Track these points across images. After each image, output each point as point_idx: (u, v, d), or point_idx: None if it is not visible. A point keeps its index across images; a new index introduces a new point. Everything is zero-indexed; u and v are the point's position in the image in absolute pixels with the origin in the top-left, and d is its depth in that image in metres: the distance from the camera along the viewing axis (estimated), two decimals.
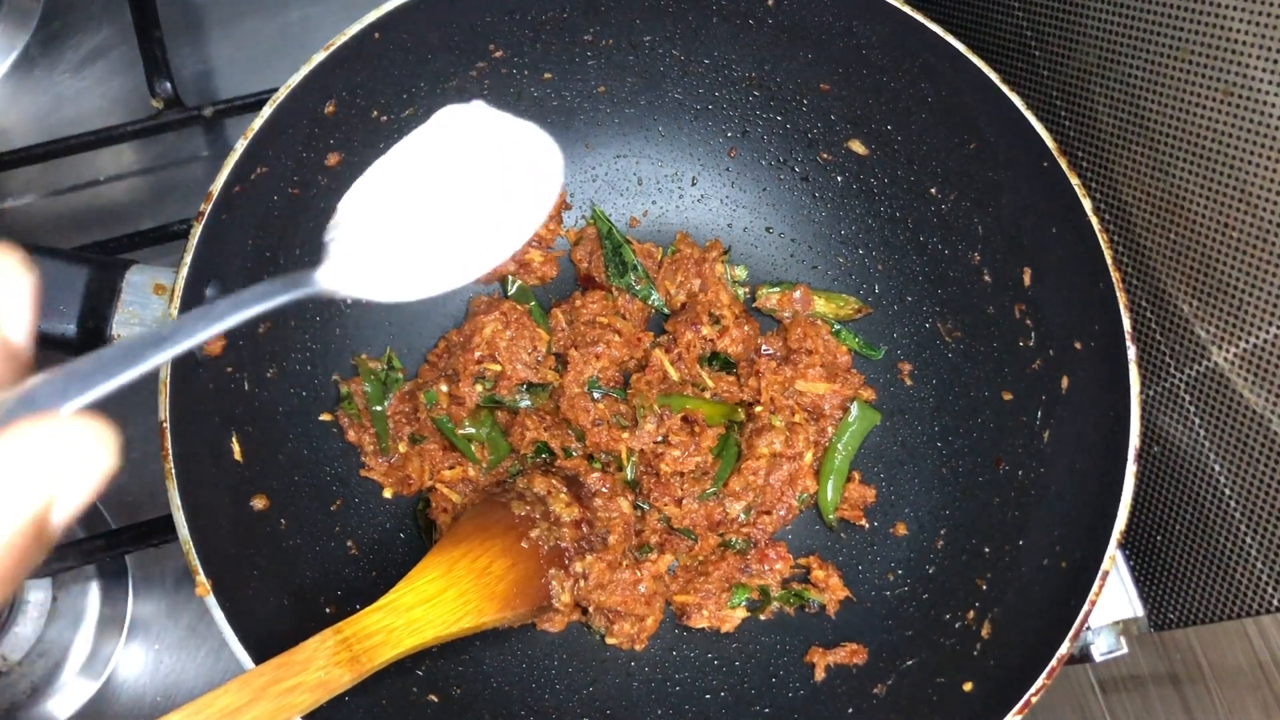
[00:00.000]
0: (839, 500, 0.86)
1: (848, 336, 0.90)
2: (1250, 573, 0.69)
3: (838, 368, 0.88)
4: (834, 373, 0.88)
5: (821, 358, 0.88)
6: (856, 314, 0.91)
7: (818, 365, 0.87)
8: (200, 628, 0.88)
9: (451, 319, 0.90)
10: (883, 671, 0.77)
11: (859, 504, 0.86)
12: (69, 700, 0.85)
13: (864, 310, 0.91)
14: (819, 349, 0.88)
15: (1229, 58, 0.63)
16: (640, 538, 0.83)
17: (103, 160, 1.01)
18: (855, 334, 0.91)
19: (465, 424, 0.84)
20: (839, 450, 0.86)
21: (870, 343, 0.90)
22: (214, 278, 0.71)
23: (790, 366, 0.87)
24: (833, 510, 0.85)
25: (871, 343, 0.90)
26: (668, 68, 0.89)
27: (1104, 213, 0.78)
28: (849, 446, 0.86)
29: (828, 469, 0.86)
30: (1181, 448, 0.75)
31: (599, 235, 0.92)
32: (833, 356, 0.88)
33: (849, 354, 0.89)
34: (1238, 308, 0.67)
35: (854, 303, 0.91)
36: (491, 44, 0.83)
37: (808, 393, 0.87)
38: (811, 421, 0.87)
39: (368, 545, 0.80)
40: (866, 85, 0.84)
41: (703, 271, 0.90)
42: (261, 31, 1.08)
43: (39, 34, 1.07)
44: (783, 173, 0.93)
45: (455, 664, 0.77)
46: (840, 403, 0.87)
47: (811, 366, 0.87)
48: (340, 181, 0.81)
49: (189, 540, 0.64)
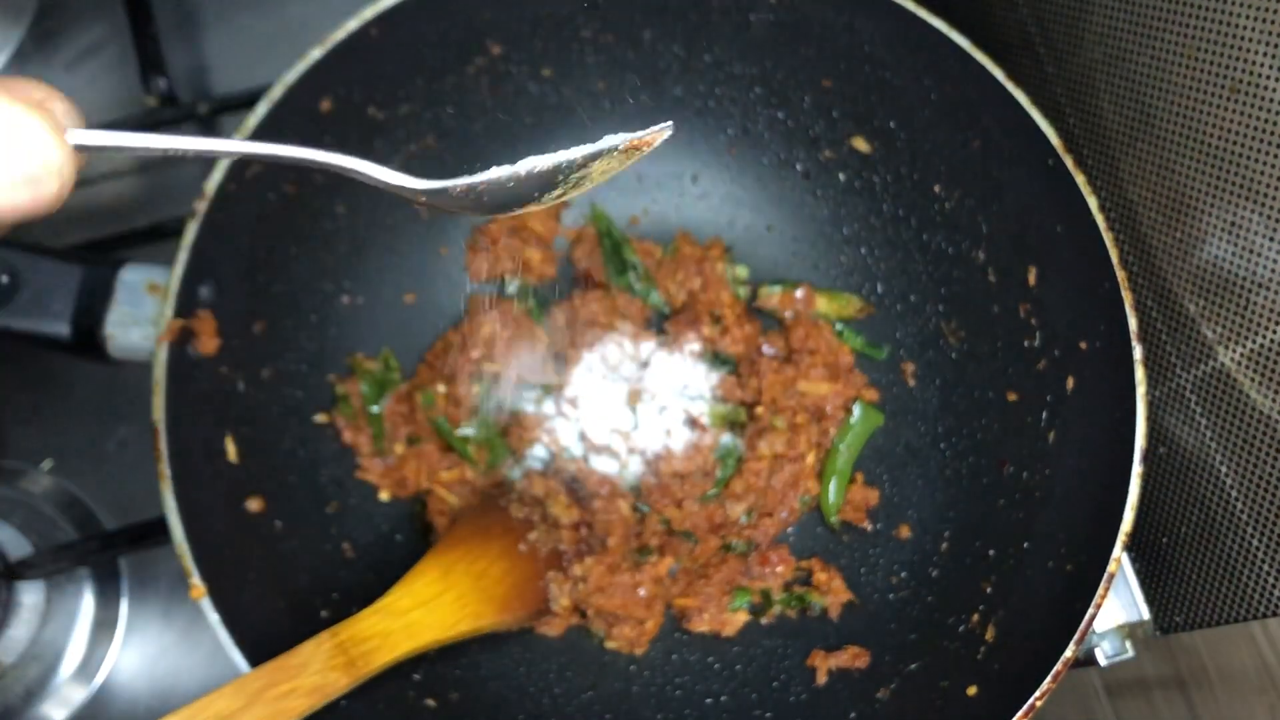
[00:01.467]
0: (842, 502, 0.85)
1: (850, 336, 0.89)
2: (1257, 575, 0.68)
3: (840, 368, 0.88)
4: (836, 373, 0.87)
5: (824, 358, 0.87)
6: (859, 314, 0.90)
7: (820, 365, 0.87)
8: (195, 631, 0.87)
9: (449, 319, 0.89)
10: (886, 675, 0.76)
11: (862, 506, 0.85)
12: (63, 703, 0.84)
13: (867, 310, 0.90)
14: (821, 349, 0.87)
15: (1236, 54, 0.63)
16: (640, 540, 0.83)
17: (96, 158, 1.00)
18: (858, 334, 0.90)
19: (463, 425, 0.83)
20: (841, 451, 0.85)
21: (874, 342, 0.90)
22: (209, 277, 0.71)
23: (792, 367, 0.87)
24: (835, 512, 0.85)
25: (875, 342, 0.90)
26: (668, 64, 0.88)
27: (1110, 211, 0.77)
28: (852, 448, 0.86)
29: (830, 470, 0.85)
30: (1188, 449, 0.74)
31: (598, 234, 0.91)
32: (835, 357, 0.88)
33: (851, 354, 0.89)
34: (1244, 307, 0.66)
35: (857, 302, 0.90)
36: (490, 40, 0.82)
37: (810, 394, 0.86)
38: (814, 423, 0.86)
39: (364, 548, 0.80)
40: (869, 82, 0.83)
41: (704, 270, 0.89)
42: (257, 28, 1.08)
43: (33, 31, 1.06)
44: (784, 170, 0.93)
45: (453, 668, 0.77)
46: (843, 403, 0.87)
47: (814, 367, 0.86)
48: (336, 179, 0.80)
49: (183, 542, 0.64)
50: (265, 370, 0.77)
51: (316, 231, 0.81)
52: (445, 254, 0.90)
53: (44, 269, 0.71)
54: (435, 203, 0.43)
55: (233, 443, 0.72)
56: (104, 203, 1.00)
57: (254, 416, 0.75)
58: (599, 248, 0.90)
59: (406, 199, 0.44)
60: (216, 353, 0.71)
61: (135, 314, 0.71)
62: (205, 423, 0.71)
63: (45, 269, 0.72)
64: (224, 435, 0.72)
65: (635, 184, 0.95)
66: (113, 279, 0.72)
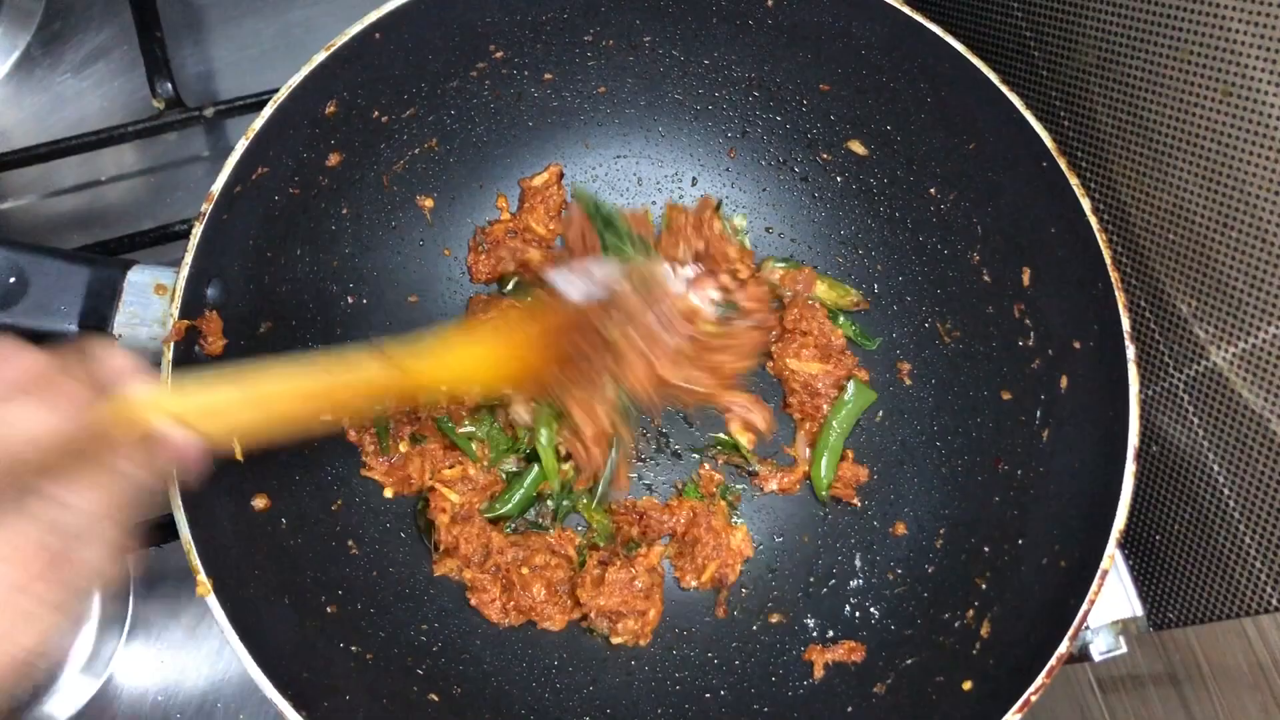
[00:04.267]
0: (834, 477, 0.86)
1: (845, 324, 0.91)
2: (1249, 572, 0.69)
3: (832, 349, 0.89)
4: (828, 354, 0.89)
5: (816, 339, 0.88)
6: (855, 306, 0.91)
7: (812, 346, 0.88)
8: (201, 628, 0.88)
9: (451, 318, 0.90)
10: (882, 670, 0.77)
11: (852, 483, 0.86)
12: (70, 700, 0.85)
13: (863, 304, 0.91)
14: (814, 331, 0.88)
15: (1228, 57, 0.63)
16: (622, 535, 0.84)
17: (104, 160, 1.01)
18: (852, 322, 0.91)
19: (465, 423, 0.84)
20: (834, 428, 0.87)
21: (867, 332, 0.91)
22: (215, 278, 0.72)
23: (783, 344, 0.88)
24: (826, 487, 0.86)
25: (868, 333, 0.91)
26: (668, 68, 0.89)
27: (1103, 213, 0.78)
28: (844, 424, 0.87)
29: (822, 445, 0.86)
30: (1180, 447, 0.75)
31: (587, 213, 0.91)
32: (827, 339, 0.89)
33: (844, 339, 0.90)
34: (1236, 307, 0.67)
35: (855, 295, 0.91)
36: (492, 44, 0.83)
37: (800, 372, 0.87)
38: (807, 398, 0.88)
39: (368, 545, 0.80)
40: (866, 85, 0.84)
41: (704, 234, 0.89)
42: (263, 32, 1.09)
43: (40, 34, 1.07)
44: (782, 173, 0.93)
45: (456, 663, 0.78)
46: (834, 383, 0.88)
47: (805, 347, 0.88)
48: (340, 181, 0.81)
49: (190, 540, 0.64)
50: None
51: (321, 233, 0.81)
52: (448, 255, 0.91)
53: (51, 269, 0.72)
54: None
55: (238, 441, 0.73)
56: (112, 204, 1.01)
57: None
58: (590, 227, 0.89)
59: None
60: (223, 353, 0.72)
61: (142, 314, 0.71)
62: None
63: (53, 269, 0.72)
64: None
65: (635, 186, 0.96)
66: (120, 279, 0.72)
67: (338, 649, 0.71)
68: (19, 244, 0.71)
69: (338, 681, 0.69)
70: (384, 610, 0.77)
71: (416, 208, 0.89)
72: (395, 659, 0.75)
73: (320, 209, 0.80)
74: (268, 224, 0.76)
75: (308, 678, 0.66)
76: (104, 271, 0.72)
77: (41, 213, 1.01)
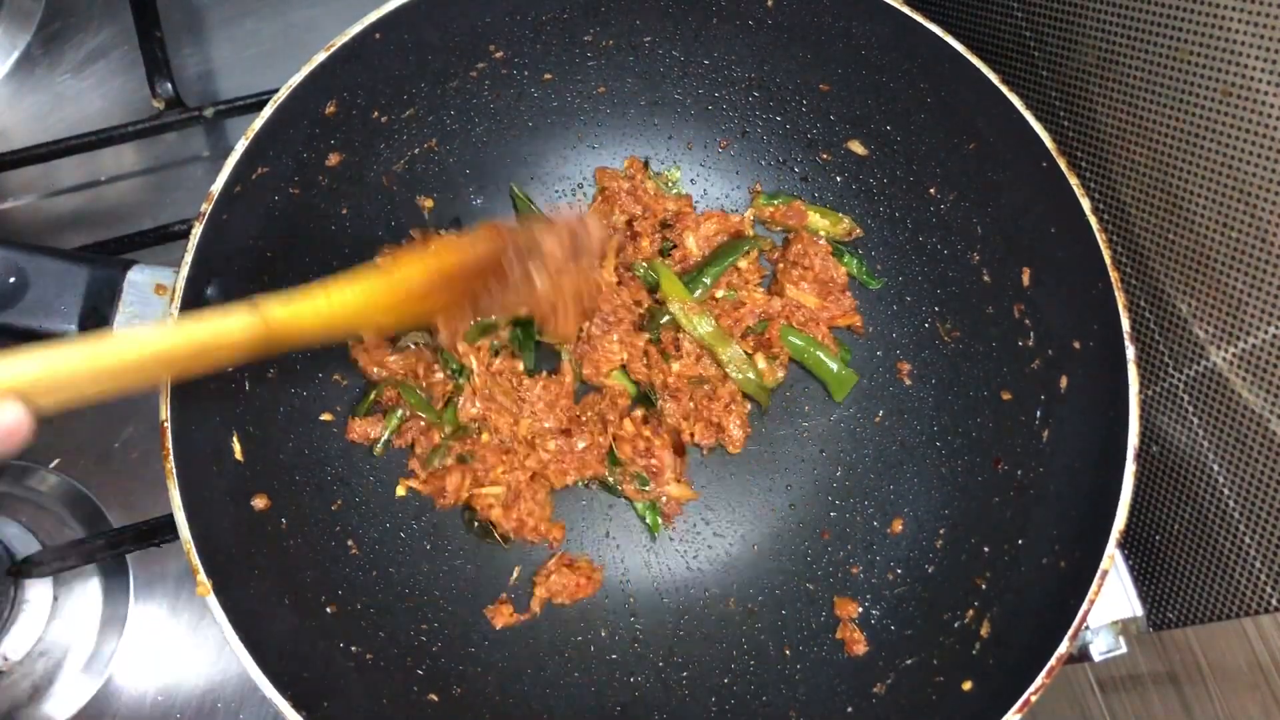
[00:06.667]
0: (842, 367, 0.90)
1: (849, 260, 0.91)
2: (1249, 572, 0.69)
3: (833, 286, 0.90)
4: (827, 290, 0.89)
5: (817, 274, 0.89)
6: (848, 234, 0.91)
7: (812, 280, 0.89)
8: (201, 627, 0.88)
9: None
10: (882, 670, 0.77)
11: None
12: (70, 699, 0.85)
13: (856, 231, 0.91)
14: (815, 266, 0.89)
15: (1227, 58, 0.63)
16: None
17: (104, 160, 1.01)
18: (858, 260, 0.92)
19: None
20: (808, 354, 0.89)
21: (870, 271, 0.91)
22: (215, 278, 0.72)
23: (783, 272, 0.90)
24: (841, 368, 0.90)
25: (872, 272, 0.91)
26: (668, 68, 0.89)
27: (1103, 213, 0.78)
28: (820, 370, 0.90)
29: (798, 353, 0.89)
30: (1180, 447, 0.75)
31: (516, 212, 0.92)
32: (829, 275, 0.90)
33: (846, 276, 0.91)
34: (1236, 308, 0.67)
35: (847, 222, 0.91)
36: (492, 44, 0.83)
37: (799, 303, 0.88)
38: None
39: (368, 545, 0.80)
40: (866, 85, 0.84)
41: (639, 198, 0.91)
42: (262, 32, 1.09)
43: (40, 34, 1.07)
44: (782, 173, 0.93)
45: (456, 663, 0.78)
46: (828, 328, 0.89)
47: (804, 280, 0.89)
48: (340, 181, 0.81)
49: (190, 540, 0.64)
50: (271, 370, 0.78)
51: (321, 233, 0.81)
52: None
53: (51, 269, 0.72)
54: None
55: (239, 441, 0.73)
56: (111, 204, 1.01)
57: (260, 416, 0.76)
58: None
59: None
60: None
61: (142, 314, 0.72)
62: (212, 422, 0.71)
63: (52, 269, 0.72)
64: (230, 434, 0.73)
65: None
66: (120, 279, 0.72)
67: (338, 649, 0.71)
68: (19, 244, 0.71)
69: (338, 681, 0.69)
70: (384, 610, 0.77)
71: (416, 208, 0.89)
72: (395, 659, 0.75)
73: (319, 209, 0.80)
74: (268, 224, 0.76)
75: (308, 678, 0.66)
76: (104, 271, 0.72)
77: (41, 213, 1.01)
